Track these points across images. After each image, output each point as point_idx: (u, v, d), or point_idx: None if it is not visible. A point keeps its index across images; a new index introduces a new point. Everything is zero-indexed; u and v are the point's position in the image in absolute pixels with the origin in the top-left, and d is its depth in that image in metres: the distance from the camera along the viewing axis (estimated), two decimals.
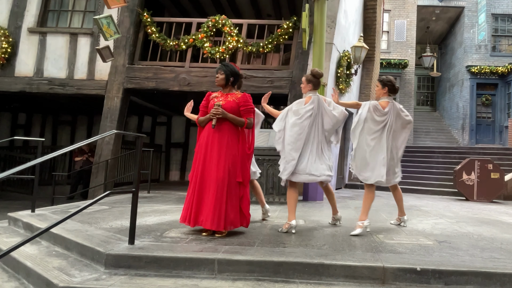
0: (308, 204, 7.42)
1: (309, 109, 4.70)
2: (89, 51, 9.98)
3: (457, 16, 19.47)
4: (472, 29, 18.45)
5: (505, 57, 18.20)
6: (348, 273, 3.28)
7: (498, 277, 3.20)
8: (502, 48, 18.65)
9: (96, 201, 3.64)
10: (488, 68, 17.91)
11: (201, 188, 4.23)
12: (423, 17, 19.72)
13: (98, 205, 6.37)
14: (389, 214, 6.41)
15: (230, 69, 4.46)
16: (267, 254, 3.50)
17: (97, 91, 9.82)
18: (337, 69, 10.05)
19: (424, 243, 4.20)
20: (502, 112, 18.07)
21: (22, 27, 10.14)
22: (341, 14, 9.74)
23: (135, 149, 4.08)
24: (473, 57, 18.34)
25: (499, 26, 18.57)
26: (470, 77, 18.24)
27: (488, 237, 4.69)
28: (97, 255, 3.58)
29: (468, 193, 9.64)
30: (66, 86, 9.89)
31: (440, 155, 13.81)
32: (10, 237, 4.82)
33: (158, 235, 4.22)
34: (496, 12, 18.38)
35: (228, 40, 9.51)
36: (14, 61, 10.05)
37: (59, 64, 10.01)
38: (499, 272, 3.22)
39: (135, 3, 9.91)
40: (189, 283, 3.20)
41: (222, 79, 4.42)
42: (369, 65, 13.20)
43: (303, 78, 4.98)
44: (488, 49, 18.37)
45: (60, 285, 3.10)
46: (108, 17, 8.22)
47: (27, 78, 9.98)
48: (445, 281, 3.22)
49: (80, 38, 10.08)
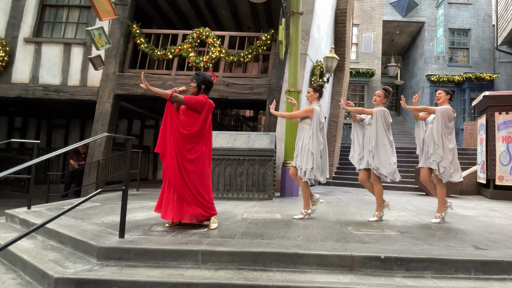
0: (285, 200, 7.46)
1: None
2: (82, 59, 9.88)
3: (418, 30, 19.83)
4: (431, 42, 18.80)
5: (460, 67, 18.59)
6: (320, 262, 3.31)
7: (453, 263, 3.27)
8: (458, 59, 19.05)
9: (88, 198, 3.61)
10: (445, 77, 18.26)
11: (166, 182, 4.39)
12: (388, 31, 20.02)
13: (90, 202, 6.31)
14: (358, 208, 6.50)
15: (202, 78, 4.51)
16: (247, 246, 3.51)
17: (90, 96, 9.73)
18: (311, 77, 10.13)
19: (388, 233, 4.25)
20: (458, 117, 18.43)
21: (19, 37, 10.00)
22: (314, 28, 9.83)
23: (125, 150, 4.06)
24: (432, 67, 18.68)
25: (455, 40, 18.96)
26: (430, 85, 18.57)
27: (445, 228, 4.78)
28: (89, 248, 3.54)
29: (428, 189, 9.74)
30: (60, 92, 9.76)
31: (403, 155, 13.96)
32: (7, 232, 4.73)
33: (146, 229, 4.20)
34: (453, 27, 18.77)
35: (211, 50, 9.51)
36: (11, 68, 9.90)
37: (54, 72, 9.87)
38: (453, 258, 3.29)
39: (125, 15, 9.86)
40: (175, 272, 3.20)
41: (194, 87, 4.50)
42: (339, 74, 13.33)
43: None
44: (446, 60, 18.73)
45: (55, 276, 3.06)
46: (100, 29, 8.14)
47: (23, 85, 9.83)
48: (406, 267, 3.27)
49: (73, 47, 9.96)
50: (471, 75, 17.91)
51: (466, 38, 18.90)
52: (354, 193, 9.93)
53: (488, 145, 9.61)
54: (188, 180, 4.22)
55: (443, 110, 5.09)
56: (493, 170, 9.36)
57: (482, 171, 10.03)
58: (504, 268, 3.26)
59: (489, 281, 3.15)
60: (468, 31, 18.78)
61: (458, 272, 3.25)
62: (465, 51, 18.93)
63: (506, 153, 9.23)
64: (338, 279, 3.12)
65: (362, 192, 10.40)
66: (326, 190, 10.52)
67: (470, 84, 17.97)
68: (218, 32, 10.06)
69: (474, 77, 17.88)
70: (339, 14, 12.60)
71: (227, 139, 7.73)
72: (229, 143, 7.58)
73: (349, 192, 10.27)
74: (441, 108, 5.11)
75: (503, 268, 3.26)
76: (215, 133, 7.83)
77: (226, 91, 9.24)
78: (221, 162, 7.42)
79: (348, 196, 9.01)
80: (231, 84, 9.31)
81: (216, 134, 7.83)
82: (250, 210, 5.77)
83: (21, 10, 10.11)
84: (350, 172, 13.26)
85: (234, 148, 7.43)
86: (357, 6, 18.60)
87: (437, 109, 5.11)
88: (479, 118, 10.86)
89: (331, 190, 10.57)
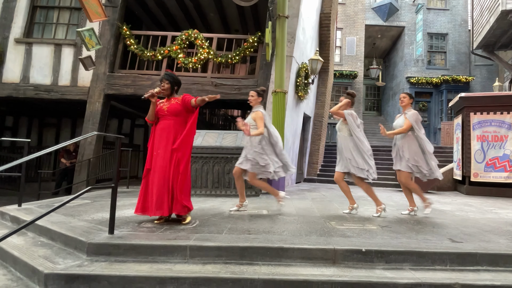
0: (271, 197, 7.46)
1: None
2: (72, 60, 9.74)
3: (399, 34, 20.01)
4: (411, 46, 18.99)
5: (438, 69, 18.81)
6: (304, 255, 3.33)
7: (430, 256, 3.32)
8: (436, 62, 19.27)
9: (78, 195, 3.56)
10: (424, 79, 18.46)
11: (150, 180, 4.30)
12: (370, 34, 20.16)
13: (80, 200, 6.23)
14: (341, 204, 6.53)
15: (175, 79, 4.50)
16: (234, 241, 3.51)
17: (80, 96, 9.60)
18: (297, 78, 10.15)
19: (369, 228, 4.29)
20: (436, 117, 18.67)
21: (9, 38, 9.81)
22: (299, 31, 9.84)
23: (114, 149, 4.01)
24: (412, 69, 18.87)
25: (433, 43, 19.18)
26: (409, 87, 18.74)
27: (422, 222, 4.84)
28: (79, 244, 3.50)
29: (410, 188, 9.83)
30: (51, 92, 9.62)
31: (384, 153, 14.07)
32: None
33: (135, 225, 4.17)
34: (431, 31, 18.99)
35: (200, 51, 9.46)
36: (1, 68, 9.71)
37: (44, 72, 9.72)
38: (430, 251, 3.34)
39: (115, 17, 9.74)
40: (163, 267, 3.18)
41: (168, 88, 4.44)
42: (324, 76, 13.37)
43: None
44: (425, 63, 18.94)
45: (45, 272, 3.02)
46: (90, 30, 8.06)
47: (14, 84, 9.66)
48: (385, 259, 3.31)
49: (64, 48, 9.82)
50: (448, 77, 18.14)
51: (443, 42, 19.13)
52: (337, 189, 9.95)
53: (463, 144, 9.76)
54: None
55: (415, 116, 5.22)
56: (468, 167, 9.51)
57: (458, 168, 10.17)
58: (478, 259, 3.32)
59: (463, 272, 3.20)
60: (445, 35, 19.02)
61: (435, 264, 3.30)
62: (443, 54, 19.16)
63: (480, 151, 9.38)
64: (322, 271, 3.13)
65: None
66: (311, 187, 10.57)
67: (447, 85, 18.20)
68: (207, 34, 10.02)
69: (451, 79, 18.12)
70: (323, 18, 12.64)
71: (216, 138, 7.70)
72: (217, 142, 7.55)
73: (332, 188, 10.32)
74: (411, 116, 5.21)
75: (477, 259, 3.32)
76: (204, 132, 7.81)
77: (214, 91, 9.18)
78: (210, 160, 7.39)
79: (332, 192, 9.06)
80: (219, 84, 9.28)
81: (205, 133, 7.80)
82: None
83: (12, 11, 9.92)
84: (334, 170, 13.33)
85: (222, 147, 7.40)
86: (341, 10, 18.68)
87: (407, 119, 5.22)
88: (456, 118, 11.02)
89: (316, 187, 10.62)
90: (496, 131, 9.29)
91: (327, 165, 13.86)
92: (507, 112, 9.23)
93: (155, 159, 4.25)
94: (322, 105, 13.30)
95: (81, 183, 9.00)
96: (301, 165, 12.42)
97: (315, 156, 13.17)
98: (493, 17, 12.39)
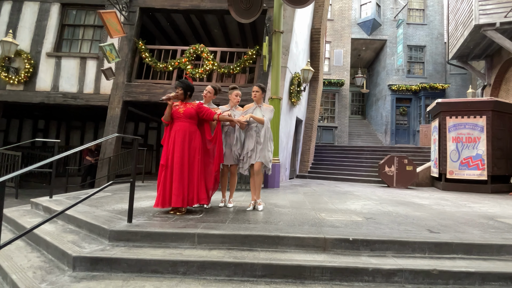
0: (268, 190, 7.49)
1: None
2: (95, 71, 9.80)
3: (381, 46, 19.97)
4: (392, 57, 18.97)
5: (417, 78, 18.76)
6: (298, 243, 3.34)
7: (410, 245, 3.32)
8: (415, 71, 19.21)
9: (101, 189, 3.60)
10: (404, 86, 18.41)
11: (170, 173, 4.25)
12: (356, 47, 20.13)
13: (103, 193, 6.27)
14: (330, 198, 6.52)
15: (188, 84, 4.49)
16: (236, 229, 3.52)
17: (102, 102, 9.65)
18: (290, 86, 10.17)
19: (355, 219, 4.29)
20: (415, 120, 18.64)
21: (42, 52, 9.92)
22: (293, 44, 9.87)
23: (132, 148, 4.05)
24: (393, 78, 18.83)
25: (412, 55, 19.12)
26: (391, 93, 18.71)
27: (404, 214, 4.82)
28: (102, 231, 3.54)
29: (389, 181, 9.86)
30: (77, 99, 9.68)
31: (368, 153, 14.09)
32: (32, 217, 4.68)
33: (150, 215, 4.19)
34: (411, 44, 18.94)
35: (205, 63, 9.49)
36: (35, 79, 9.82)
37: (71, 81, 9.79)
38: (410, 240, 3.34)
39: (132, 34, 9.80)
40: (175, 252, 3.21)
41: (181, 93, 4.45)
42: (314, 84, 13.38)
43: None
44: (405, 72, 18.89)
45: (73, 255, 3.06)
46: (111, 45, 8.10)
47: (45, 92, 9.75)
48: (370, 248, 3.31)
49: (88, 61, 9.88)
50: (426, 85, 18.10)
51: (422, 53, 19.07)
52: (326, 185, 10.00)
53: (440, 145, 9.75)
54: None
55: (270, 111, 4.90)
56: (444, 165, 9.51)
57: (435, 166, 10.18)
58: (454, 248, 3.32)
59: (440, 259, 3.21)
60: (423, 47, 18.97)
61: (414, 252, 3.30)
62: (421, 64, 19.09)
63: (455, 151, 9.38)
64: (313, 257, 3.15)
65: (333, 184, 10.50)
66: (302, 182, 10.59)
67: (425, 92, 18.16)
68: (211, 48, 10.04)
69: (428, 87, 18.07)
70: (314, 33, 12.65)
71: None
72: None
73: (322, 184, 10.34)
74: (268, 110, 4.89)
75: (453, 248, 3.32)
76: None
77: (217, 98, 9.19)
78: None
79: (322, 187, 9.08)
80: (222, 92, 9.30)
81: None
82: (238, 199, 5.78)
83: (44, 29, 10.02)
84: (323, 167, 13.36)
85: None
86: (330, 26, 18.68)
87: (265, 120, 4.80)
88: (433, 122, 11.01)
89: (307, 182, 10.64)
90: (470, 133, 9.27)
91: (317, 163, 13.88)
92: (480, 116, 9.21)
93: (172, 156, 4.24)
94: (312, 110, 13.32)
95: (103, 178, 9.04)
96: (294, 163, 12.45)
97: (306, 155, 13.19)
98: (467, 31, 12.36)
